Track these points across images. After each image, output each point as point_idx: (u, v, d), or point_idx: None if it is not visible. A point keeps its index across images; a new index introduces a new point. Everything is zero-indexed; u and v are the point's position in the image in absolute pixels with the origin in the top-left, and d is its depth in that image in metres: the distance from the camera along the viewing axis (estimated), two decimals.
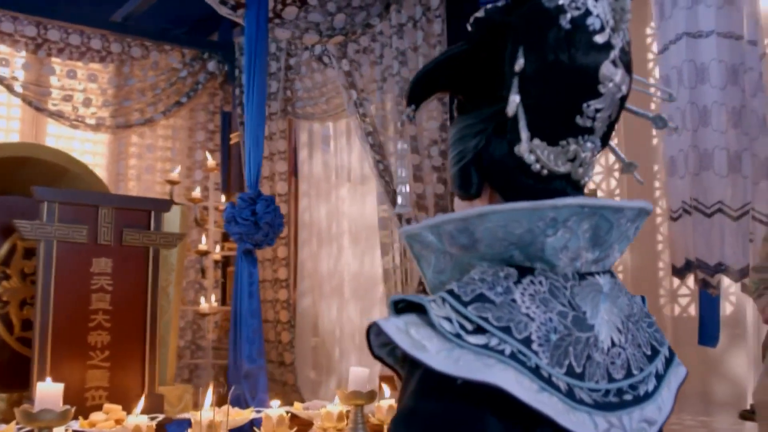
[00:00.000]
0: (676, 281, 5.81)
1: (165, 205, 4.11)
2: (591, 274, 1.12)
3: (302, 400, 4.68)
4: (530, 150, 1.10)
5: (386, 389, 3.69)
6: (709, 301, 5.00)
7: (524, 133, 1.09)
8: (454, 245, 1.12)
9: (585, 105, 1.09)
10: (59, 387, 2.71)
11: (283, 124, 6.33)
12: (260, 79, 4.37)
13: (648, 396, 1.11)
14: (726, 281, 4.85)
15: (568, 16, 1.06)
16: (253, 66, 4.36)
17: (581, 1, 1.06)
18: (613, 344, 1.08)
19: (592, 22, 1.07)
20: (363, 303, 6.52)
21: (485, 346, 1.01)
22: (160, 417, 3.45)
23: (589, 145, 1.11)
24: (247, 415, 3.60)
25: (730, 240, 4.52)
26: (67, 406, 2.69)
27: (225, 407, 3.42)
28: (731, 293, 5.22)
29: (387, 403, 3.54)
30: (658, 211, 5.80)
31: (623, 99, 1.14)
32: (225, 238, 6.34)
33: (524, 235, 1.08)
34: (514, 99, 1.08)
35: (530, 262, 1.10)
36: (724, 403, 5.27)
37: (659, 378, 1.14)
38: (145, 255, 4.01)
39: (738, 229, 4.54)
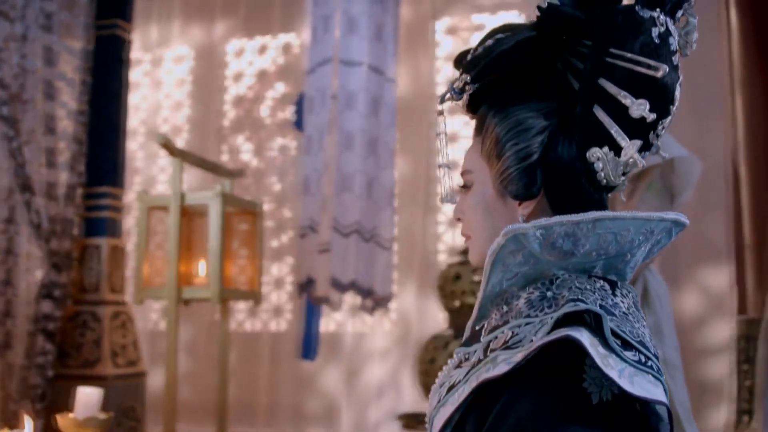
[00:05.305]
0: (275, 297, 5.92)
1: None
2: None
3: None
4: (599, 157, 1.08)
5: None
6: (313, 318, 5.23)
7: (626, 142, 1.06)
8: (554, 250, 1.06)
9: (660, 122, 1.08)
10: None
11: None
12: None
13: None
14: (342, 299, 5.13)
15: (657, 30, 1.06)
16: None
17: (663, 18, 1.07)
18: None
19: (673, 42, 1.08)
20: None
21: (640, 362, 1.00)
22: None
23: (640, 163, 1.10)
24: None
25: (364, 259, 4.79)
26: None
27: None
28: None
29: None
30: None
31: None
32: None
33: (624, 246, 1.07)
34: (643, 103, 1.04)
35: (606, 273, 1.10)
36: (315, 417, 5.50)
37: None
38: None
39: (370, 250, 4.85)
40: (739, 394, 4.52)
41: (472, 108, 1.23)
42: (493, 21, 5.83)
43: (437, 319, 5.34)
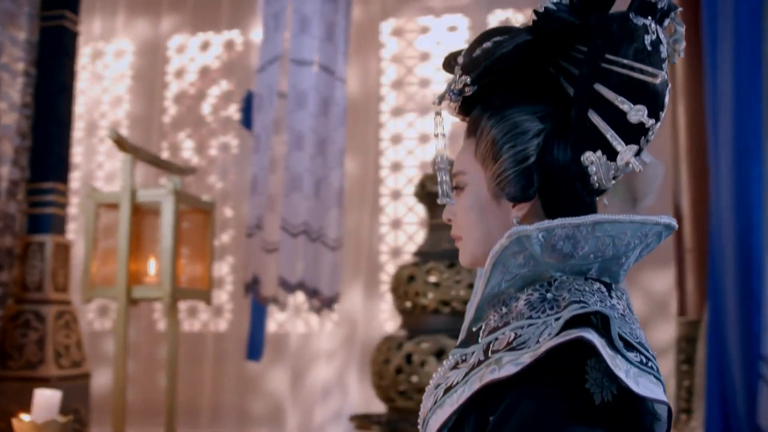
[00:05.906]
0: (215, 297, 5.83)
1: None
2: None
3: None
4: (593, 161, 1.09)
5: None
6: (259, 319, 5.17)
7: (622, 146, 1.07)
8: (554, 252, 1.08)
9: (652, 128, 1.10)
10: None
11: None
12: None
13: None
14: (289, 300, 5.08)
15: (649, 38, 1.08)
16: None
17: (654, 26, 1.09)
18: None
19: (663, 49, 1.10)
20: None
21: (642, 363, 1.03)
22: None
23: (637, 167, 1.11)
24: None
25: (310, 259, 4.76)
26: None
27: None
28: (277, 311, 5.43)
29: None
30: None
31: None
32: None
33: (620, 249, 1.09)
34: (642, 108, 1.06)
35: (600, 275, 1.12)
36: (261, 418, 5.44)
37: None
38: None
39: (316, 250, 4.82)
40: (678, 393, 4.65)
41: (464, 110, 1.22)
42: (439, 24, 5.87)
43: (381, 320, 5.35)
